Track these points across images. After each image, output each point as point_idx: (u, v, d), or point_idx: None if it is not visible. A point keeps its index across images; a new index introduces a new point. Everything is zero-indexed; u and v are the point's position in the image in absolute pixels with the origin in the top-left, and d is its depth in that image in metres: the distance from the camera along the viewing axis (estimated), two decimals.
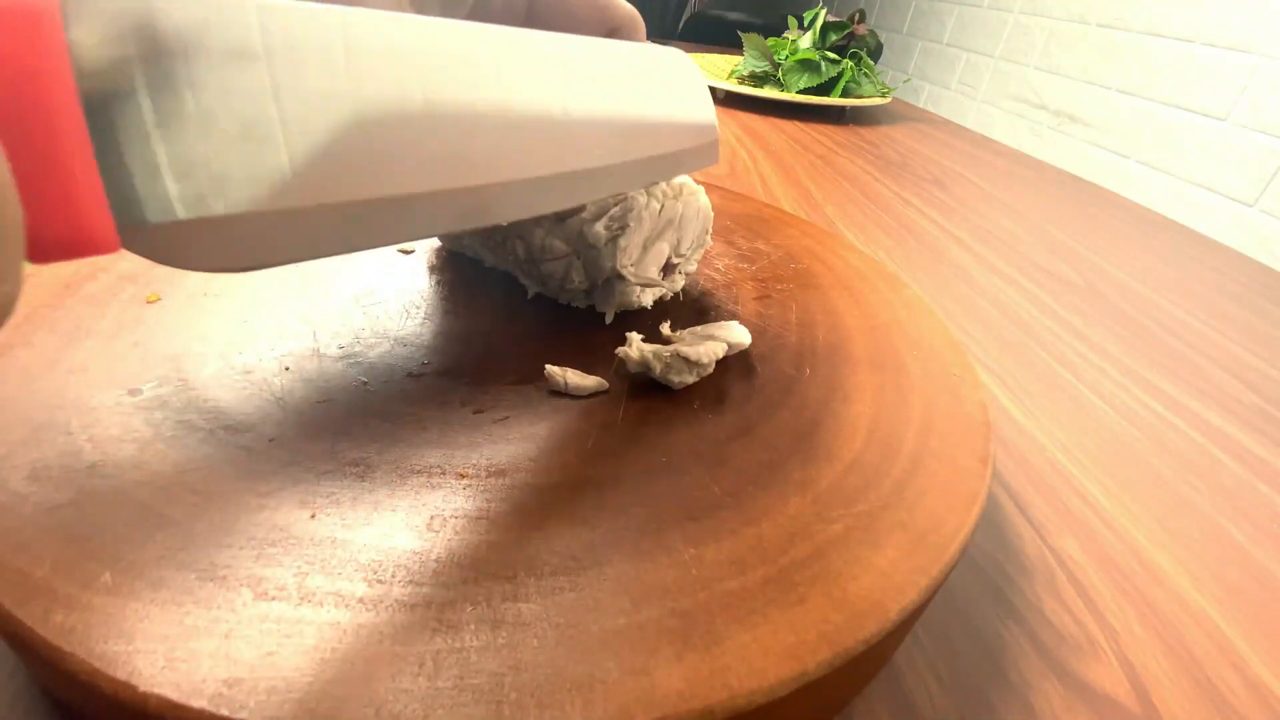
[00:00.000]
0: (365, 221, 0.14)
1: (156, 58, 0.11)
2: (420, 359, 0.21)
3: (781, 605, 0.14)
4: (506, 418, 0.19)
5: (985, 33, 1.29)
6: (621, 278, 0.23)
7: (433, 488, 0.17)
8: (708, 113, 0.25)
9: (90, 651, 0.12)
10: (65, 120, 0.10)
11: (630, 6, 0.23)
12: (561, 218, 0.23)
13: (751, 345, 0.24)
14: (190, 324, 0.21)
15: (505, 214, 0.17)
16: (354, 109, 0.14)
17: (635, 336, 0.21)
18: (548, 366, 0.21)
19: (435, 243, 0.29)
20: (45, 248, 0.10)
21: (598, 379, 0.21)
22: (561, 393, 0.21)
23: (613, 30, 0.23)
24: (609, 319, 0.24)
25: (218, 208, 0.12)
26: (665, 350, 0.20)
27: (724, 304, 0.27)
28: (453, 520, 0.16)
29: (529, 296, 0.26)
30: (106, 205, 0.10)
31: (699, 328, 0.23)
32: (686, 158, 0.24)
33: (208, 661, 0.12)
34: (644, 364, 0.20)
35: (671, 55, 0.24)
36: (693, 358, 0.20)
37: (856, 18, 0.89)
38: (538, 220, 0.24)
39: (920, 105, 1.38)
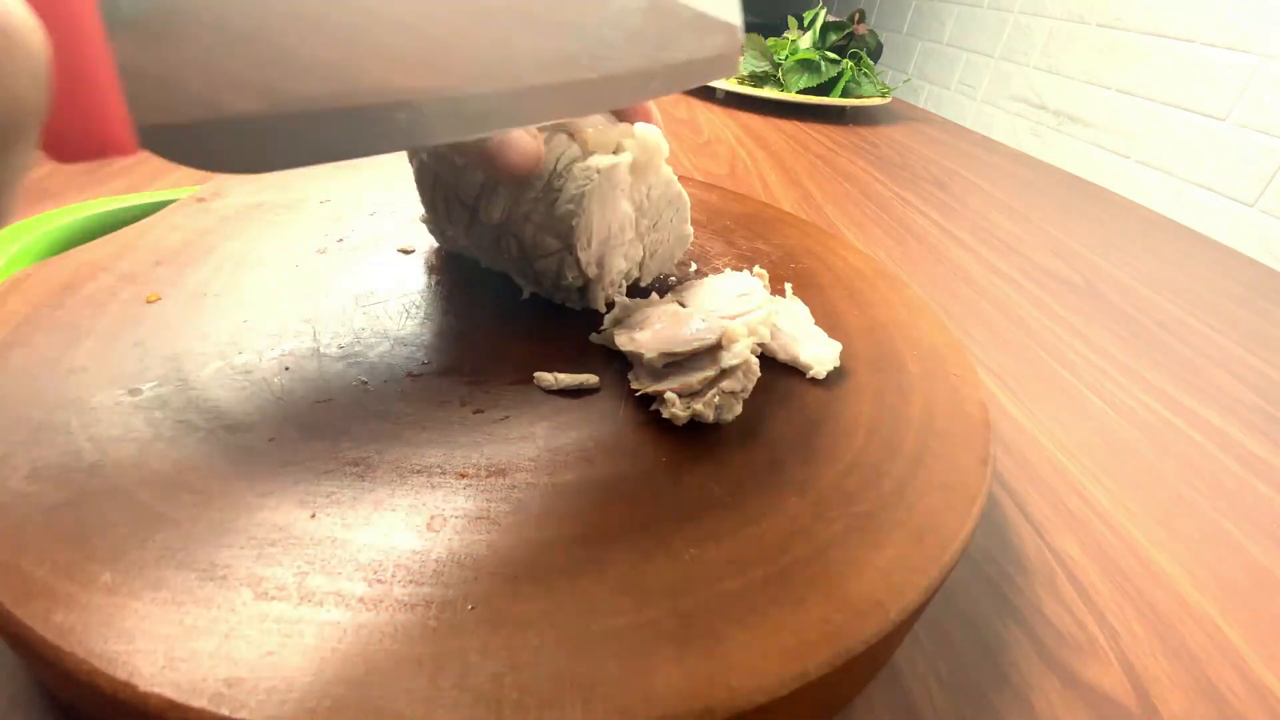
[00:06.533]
0: (368, 124, 0.15)
1: None
2: (420, 359, 0.21)
3: (781, 605, 0.14)
4: (506, 417, 0.19)
5: (985, 33, 1.29)
6: (581, 270, 0.24)
7: (433, 488, 0.17)
8: (733, 13, 0.23)
9: (90, 651, 0.12)
10: (87, 26, 0.10)
11: None
12: (553, 210, 0.23)
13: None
14: (190, 324, 0.21)
15: (509, 120, 0.18)
16: (355, 8, 0.14)
17: (674, 397, 0.20)
18: (537, 373, 0.21)
19: (434, 243, 0.29)
20: (68, 146, 0.11)
21: (587, 375, 0.21)
22: (558, 391, 0.21)
23: None
24: (606, 314, 0.24)
25: (217, 112, 0.12)
26: (710, 395, 0.20)
27: None
28: (453, 520, 0.16)
29: (524, 297, 0.26)
30: (125, 109, 0.11)
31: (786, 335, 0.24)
32: (706, 67, 0.22)
33: (208, 661, 0.12)
34: (694, 417, 0.20)
35: None
36: (737, 389, 0.20)
37: (856, 18, 0.89)
38: (528, 216, 0.24)
39: (920, 105, 1.38)
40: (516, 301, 0.26)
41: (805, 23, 0.91)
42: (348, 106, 0.14)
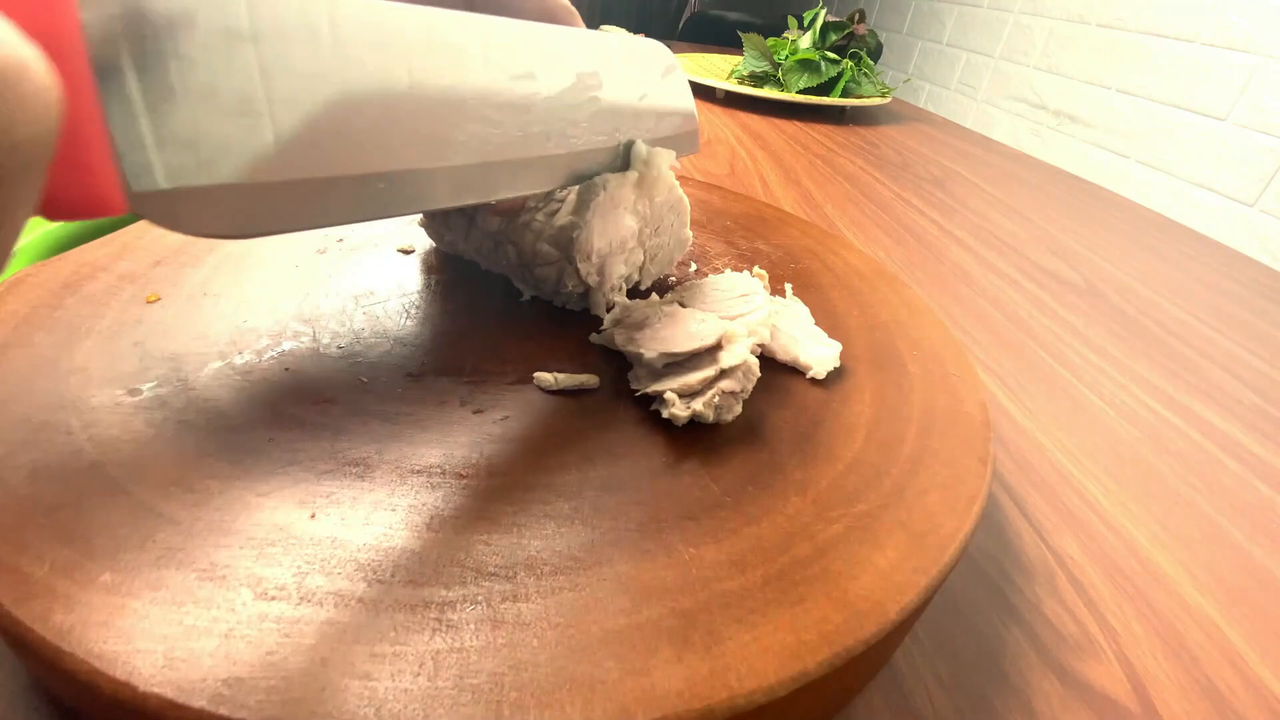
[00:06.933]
0: (349, 196, 0.15)
1: (144, 36, 0.11)
2: (420, 359, 0.21)
3: (781, 605, 0.14)
4: (506, 418, 0.19)
5: (985, 33, 1.29)
6: (582, 279, 0.24)
7: (433, 488, 0.17)
8: (687, 101, 0.27)
9: (90, 651, 0.12)
10: (81, 90, 0.11)
11: (566, 1, 0.23)
12: (553, 221, 0.23)
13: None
14: (190, 324, 0.21)
15: (482, 193, 0.19)
16: (339, 89, 0.15)
17: (673, 397, 0.20)
18: (537, 374, 0.21)
19: (433, 243, 0.29)
20: (62, 204, 0.11)
21: (587, 375, 0.21)
22: (558, 392, 0.21)
23: (550, 20, 0.23)
24: (606, 322, 0.24)
25: (201, 179, 0.13)
26: (710, 395, 0.20)
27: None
28: (453, 520, 0.16)
29: (525, 299, 0.26)
30: (116, 170, 0.11)
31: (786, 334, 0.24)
32: (667, 145, 0.25)
33: (208, 661, 0.12)
34: (694, 417, 0.19)
35: (650, 46, 0.25)
36: (736, 389, 0.20)
37: (856, 18, 0.89)
38: (527, 225, 0.24)
39: (920, 105, 1.38)
40: (516, 302, 0.26)
41: (805, 23, 0.91)
42: (330, 177, 0.15)
